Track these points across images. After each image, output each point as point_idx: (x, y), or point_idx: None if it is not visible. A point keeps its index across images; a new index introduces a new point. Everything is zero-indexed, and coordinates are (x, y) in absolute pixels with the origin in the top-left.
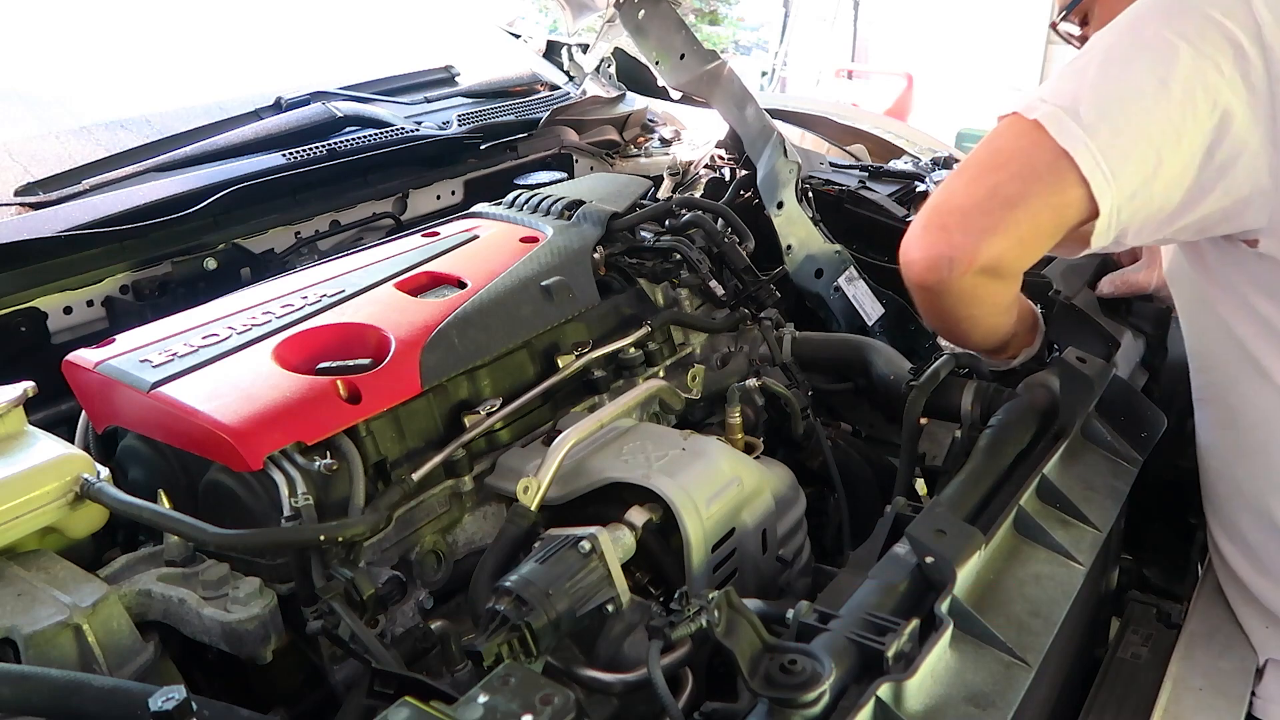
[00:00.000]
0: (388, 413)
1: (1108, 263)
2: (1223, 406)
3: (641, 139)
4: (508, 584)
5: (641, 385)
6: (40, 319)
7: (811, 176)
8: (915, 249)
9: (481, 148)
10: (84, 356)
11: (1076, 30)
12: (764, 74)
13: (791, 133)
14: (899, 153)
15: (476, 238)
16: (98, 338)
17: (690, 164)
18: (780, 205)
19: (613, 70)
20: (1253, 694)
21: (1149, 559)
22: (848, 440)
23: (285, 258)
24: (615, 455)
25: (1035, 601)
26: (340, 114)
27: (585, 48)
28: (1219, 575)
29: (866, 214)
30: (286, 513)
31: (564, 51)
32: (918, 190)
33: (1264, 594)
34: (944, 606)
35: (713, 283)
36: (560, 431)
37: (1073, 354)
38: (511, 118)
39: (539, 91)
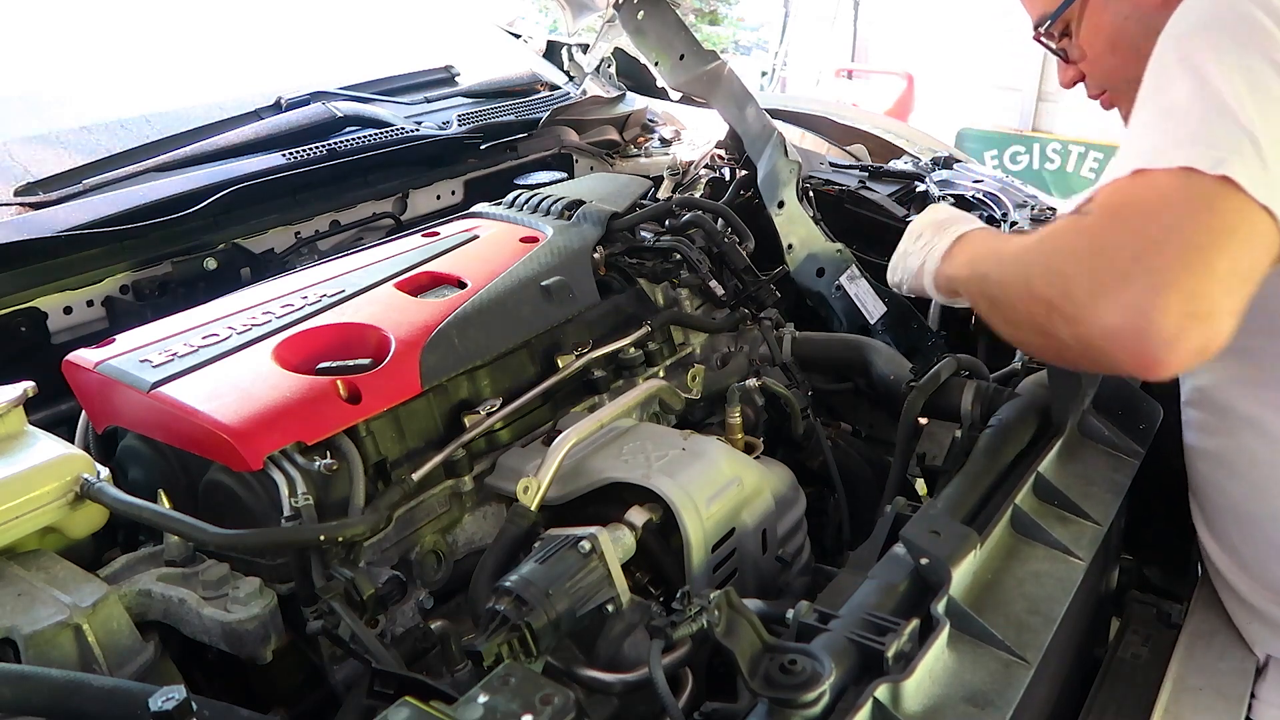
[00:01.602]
0: (388, 413)
1: None
2: (1208, 411)
3: (641, 139)
4: (508, 584)
5: (641, 385)
6: (40, 319)
7: (811, 176)
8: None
9: (481, 148)
10: (84, 356)
11: (1054, 44)
12: (764, 74)
13: (791, 133)
14: (899, 153)
15: (476, 238)
16: (98, 338)
17: (690, 164)
18: (781, 204)
19: (613, 70)
20: (1252, 695)
21: (1149, 559)
22: (848, 440)
23: (285, 258)
24: (615, 455)
25: (1034, 599)
26: (340, 114)
27: (585, 48)
28: (1209, 573)
29: (867, 214)
30: (286, 513)
31: (564, 51)
32: (918, 190)
33: (1250, 596)
34: (940, 607)
35: (713, 283)
36: (560, 431)
37: None
38: (511, 118)
39: (539, 91)
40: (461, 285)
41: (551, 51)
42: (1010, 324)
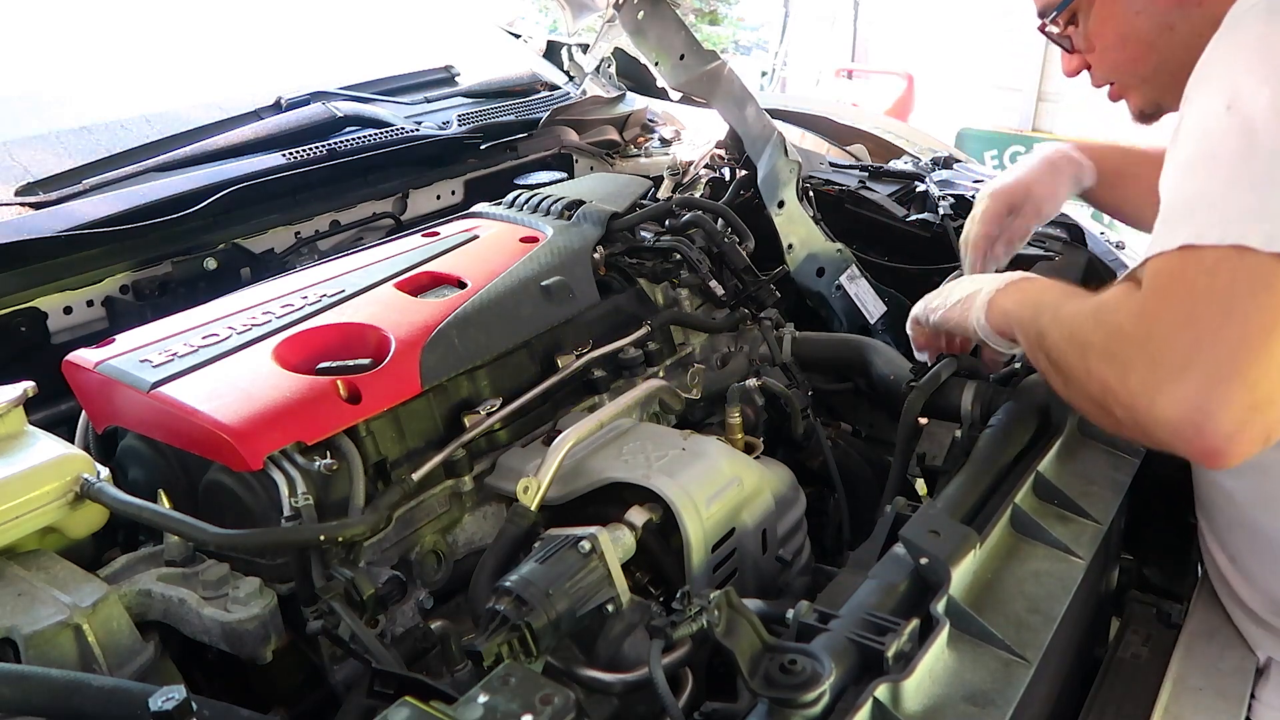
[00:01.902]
0: (388, 413)
1: (1093, 265)
2: None
3: (641, 139)
4: (508, 584)
5: (641, 385)
6: (40, 319)
7: (811, 176)
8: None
9: (481, 148)
10: (84, 356)
11: (1059, 32)
12: (764, 74)
13: (791, 133)
14: (899, 153)
15: (476, 238)
16: (98, 338)
17: (690, 164)
18: (781, 204)
19: (613, 70)
20: (1252, 696)
21: (1149, 559)
22: (848, 440)
23: (285, 258)
24: (615, 455)
25: (1034, 598)
26: (340, 114)
27: (585, 48)
28: (1210, 577)
29: (867, 214)
30: (286, 513)
31: (564, 51)
32: (917, 190)
33: (1253, 603)
34: (940, 606)
35: (713, 283)
36: (560, 431)
37: None
38: (511, 118)
39: (539, 91)
40: (461, 285)
41: (551, 51)
42: (1067, 391)
